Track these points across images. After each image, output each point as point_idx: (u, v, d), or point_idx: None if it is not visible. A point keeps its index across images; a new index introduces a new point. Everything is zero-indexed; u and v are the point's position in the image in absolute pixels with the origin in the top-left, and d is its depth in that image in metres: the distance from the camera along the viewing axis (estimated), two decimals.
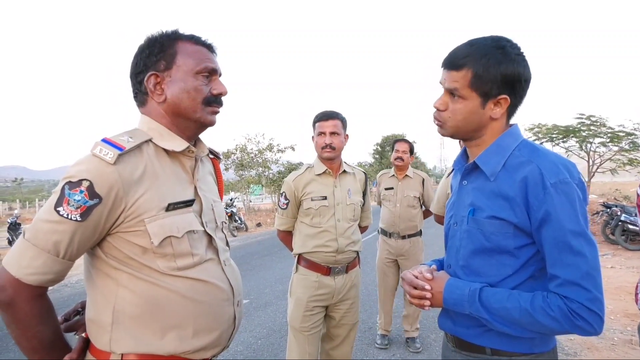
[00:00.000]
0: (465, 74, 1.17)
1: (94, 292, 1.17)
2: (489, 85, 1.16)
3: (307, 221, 2.57)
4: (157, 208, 1.14)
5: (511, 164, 1.18)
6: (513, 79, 1.16)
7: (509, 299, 1.12)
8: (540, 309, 1.08)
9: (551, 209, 1.08)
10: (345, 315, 2.60)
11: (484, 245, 1.20)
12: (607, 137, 14.22)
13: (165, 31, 1.27)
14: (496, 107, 1.19)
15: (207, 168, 1.43)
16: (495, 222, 1.17)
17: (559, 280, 1.08)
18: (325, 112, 2.57)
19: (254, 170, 23.06)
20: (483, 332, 1.22)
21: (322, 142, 2.52)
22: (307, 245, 2.54)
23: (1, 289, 1.04)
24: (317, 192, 2.56)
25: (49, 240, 1.05)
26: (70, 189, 1.05)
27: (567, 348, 4.03)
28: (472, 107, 1.19)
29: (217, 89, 1.27)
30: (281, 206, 2.67)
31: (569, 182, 1.09)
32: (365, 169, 32.02)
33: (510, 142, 1.22)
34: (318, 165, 2.62)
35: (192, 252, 1.20)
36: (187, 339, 1.18)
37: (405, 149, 4.09)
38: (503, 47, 1.16)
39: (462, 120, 1.21)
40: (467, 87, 1.17)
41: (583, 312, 1.05)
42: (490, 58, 1.15)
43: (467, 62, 1.17)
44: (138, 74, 1.25)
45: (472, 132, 1.24)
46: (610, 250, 9.08)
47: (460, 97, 1.19)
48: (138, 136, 1.18)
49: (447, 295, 1.22)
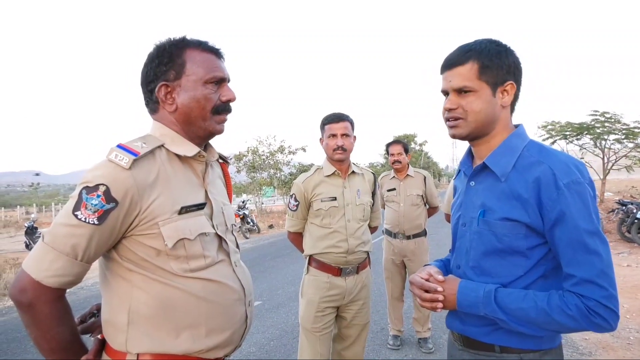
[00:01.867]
0: (471, 67, 1.21)
1: (109, 294, 1.20)
2: (495, 73, 1.21)
3: (318, 222, 2.59)
4: (171, 211, 1.17)
5: (522, 165, 1.19)
6: (514, 65, 1.23)
7: (525, 299, 1.14)
8: (558, 308, 1.10)
9: (565, 208, 1.10)
10: (356, 315, 2.61)
11: (496, 246, 1.21)
12: (622, 134, 14.00)
13: (174, 39, 1.29)
14: (504, 94, 1.23)
15: (216, 172, 1.46)
16: (507, 224, 1.18)
17: (574, 279, 1.10)
18: (335, 114, 2.59)
19: (265, 172, 23.13)
20: (492, 330, 1.23)
21: (334, 144, 2.54)
22: (317, 246, 2.56)
23: (22, 291, 1.08)
24: (326, 193, 2.58)
25: (67, 243, 1.08)
26: (88, 193, 1.09)
27: (582, 348, 3.99)
28: (485, 97, 1.22)
29: (226, 95, 1.30)
30: (291, 208, 2.69)
31: (582, 182, 1.11)
32: (376, 170, 31.92)
33: (518, 142, 1.23)
34: (327, 166, 2.64)
35: (204, 253, 1.23)
36: (200, 338, 1.20)
37: (400, 150, 4.11)
38: (495, 41, 1.24)
39: (479, 113, 1.22)
40: (477, 78, 1.21)
41: (600, 309, 1.07)
42: (490, 49, 1.21)
43: (470, 55, 1.21)
44: (149, 83, 1.28)
45: (489, 125, 1.25)
46: (627, 249, 8.93)
47: (471, 90, 1.22)
48: (151, 142, 1.22)
49: (460, 297, 1.23)
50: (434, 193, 4.19)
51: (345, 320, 2.63)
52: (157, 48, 1.28)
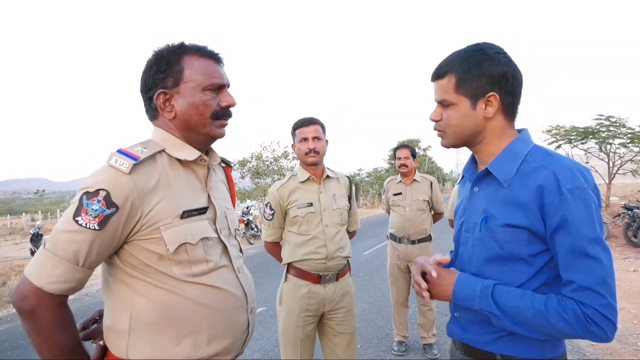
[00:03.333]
0: (449, 80, 1.21)
1: (111, 300, 1.20)
2: (473, 85, 1.19)
3: (295, 230, 2.57)
4: (172, 216, 1.17)
5: (525, 170, 1.18)
6: (497, 75, 1.18)
7: (522, 299, 1.12)
8: (555, 312, 1.08)
9: (568, 214, 1.08)
10: (341, 323, 2.58)
11: (497, 253, 1.20)
12: (628, 138, 13.91)
13: (172, 45, 1.28)
14: (487, 106, 1.21)
15: (219, 176, 1.46)
16: (509, 230, 1.17)
17: (574, 285, 1.08)
18: (306, 118, 2.60)
19: (269, 178, 23.18)
20: (494, 339, 1.21)
21: (306, 148, 2.53)
22: (296, 253, 2.54)
23: (23, 298, 1.08)
24: (302, 200, 2.56)
25: (68, 249, 1.08)
26: (88, 198, 1.09)
27: (589, 354, 3.95)
28: (463, 111, 1.21)
29: (225, 101, 1.29)
30: (267, 217, 2.67)
31: (585, 188, 1.10)
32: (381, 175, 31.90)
33: (522, 147, 1.22)
34: (301, 172, 2.62)
35: (207, 258, 1.23)
36: (202, 345, 1.20)
37: (407, 154, 4.10)
38: (481, 48, 1.21)
39: (457, 126, 1.23)
40: (454, 92, 1.21)
41: (597, 318, 1.05)
42: (470, 60, 1.19)
43: (449, 69, 1.21)
44: (148, 91, 1.28)
45: (472, 137, 1.25)
46: (633, 253, 8.85)
47: (450, 103, 1.22)
48: (151, 147, 1.22)
49: (457, 289, 1.22)
50: (440, 199, 4.18)
51: (331, 328, 2.60)
52: (155, 55, 1.28)
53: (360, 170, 35.06)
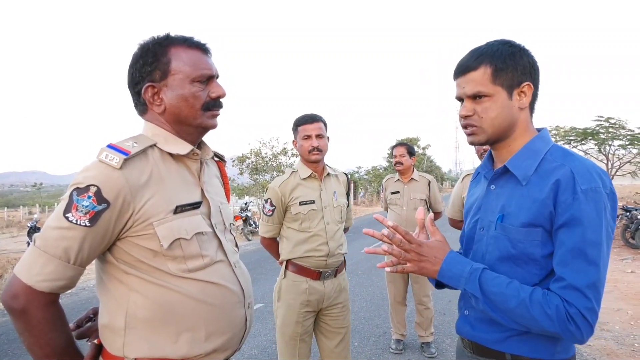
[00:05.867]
0: (484, 71, 1.18)
1: (106, 298, 1.18)
2: (510, 75, 1.18)
3: (296, 226, 2.55)
4: (165, 211, 1.15)
5: (544, 169, 1.16)
6: (529, 65, 1.20)
7: (508, 286, 1.12)
8: (538, 304, 1.07)
9: (577, 214, 1.07)
10: (336, 319, 2.60)
11: (510, 252, 1.18)
12: (627, 140, 13.93)
13: (157, 37, 1.25)
14: (521, 96, 1.20)
15: (212, 171, 1.44)
16: (523, 230, 1.15)
17: (564, 282, 1.08)
18: (308, 115, 2.57)
19: (268, 175, 23.16)
20: (504, 338, 1.20)
21: (309, 146, 2.51)
22: (297, 250, 2.53)
23: (14, 296, 1.05)
24: (304, 197, 2.55)
25: (59, 246, 1.06)
26: (79, 195, 1.06)
27: (586, 354, 3.95)
28: (501, 101, 1.19)
29: (215, 92, 1.27)
30: (266, 213, 2.64)
31: (600, 191, 1.08)
32: (380, 173, 31.89)
33: (542, 145, 1.21)
34: (303, 169, 2.61)
35: (202, 253, 1.21)
36: (199, 342, 1.18)
37: (403, 152, 4.09)
38: (508, 41, 1.22)
39: (496, 118, 1.20)
40: (491, 83, 1.18)
41: (578, 319, 1.05)
42: (503, 51, 1.18)
43: (483, 59, 1.19)
44: (135, 85, 1.25)
45: (507, 130, 1.22)
46: (631, 255, 8.87)
47: (486, 95, 1.19)
48: (142, 141, 1.19)
49: (445, 266, 1.19)
50: (438, 198, 4.16)
51: (327, 325, 2.61)
52: (141, 48, 1.24)
53: (359, 167, 35.05)
